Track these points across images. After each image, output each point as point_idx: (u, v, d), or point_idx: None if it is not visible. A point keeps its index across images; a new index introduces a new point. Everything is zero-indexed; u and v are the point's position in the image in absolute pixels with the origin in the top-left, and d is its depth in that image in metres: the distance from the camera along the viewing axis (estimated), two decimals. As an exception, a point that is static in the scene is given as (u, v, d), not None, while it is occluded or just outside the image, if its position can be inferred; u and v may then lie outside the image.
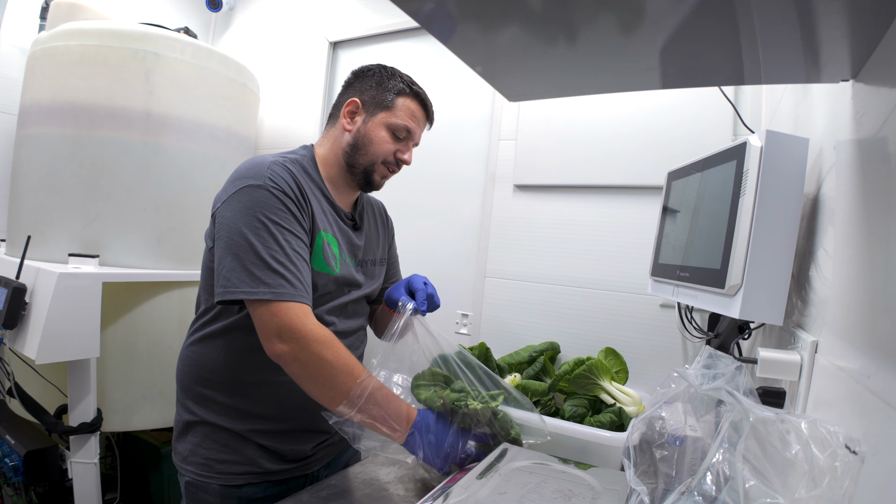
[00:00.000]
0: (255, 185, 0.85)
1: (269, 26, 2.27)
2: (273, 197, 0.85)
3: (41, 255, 1.47)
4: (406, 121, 1.00)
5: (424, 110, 1.03)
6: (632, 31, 0.54)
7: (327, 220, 0.98)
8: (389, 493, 0.91)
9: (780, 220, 0.66)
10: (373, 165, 1.00)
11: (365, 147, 0.99)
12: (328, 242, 0.96)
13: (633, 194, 1.45)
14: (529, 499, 0.81)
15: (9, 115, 1.80)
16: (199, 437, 0.95)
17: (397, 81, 1.01)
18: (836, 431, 0.47)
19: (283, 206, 0.86)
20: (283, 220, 0.85)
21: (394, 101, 0.99)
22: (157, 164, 1.56)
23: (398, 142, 1.01)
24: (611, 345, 1.43)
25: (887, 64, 0.49)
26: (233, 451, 0.94)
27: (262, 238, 0.83)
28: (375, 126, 0.99)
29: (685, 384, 0.68)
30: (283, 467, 0.97)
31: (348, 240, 1.03)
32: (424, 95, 1.03)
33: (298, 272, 0.85)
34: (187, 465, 0.94)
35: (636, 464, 0.67)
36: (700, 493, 0.51)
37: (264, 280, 0.82)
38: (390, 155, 1.01)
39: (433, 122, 1.08)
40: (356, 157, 1.00)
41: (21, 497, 1.57)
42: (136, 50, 1.52)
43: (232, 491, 0.93)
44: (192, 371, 0.98)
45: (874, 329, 0.47)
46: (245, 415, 0.95)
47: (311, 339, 0.82)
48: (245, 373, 0.95)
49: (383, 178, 1.04)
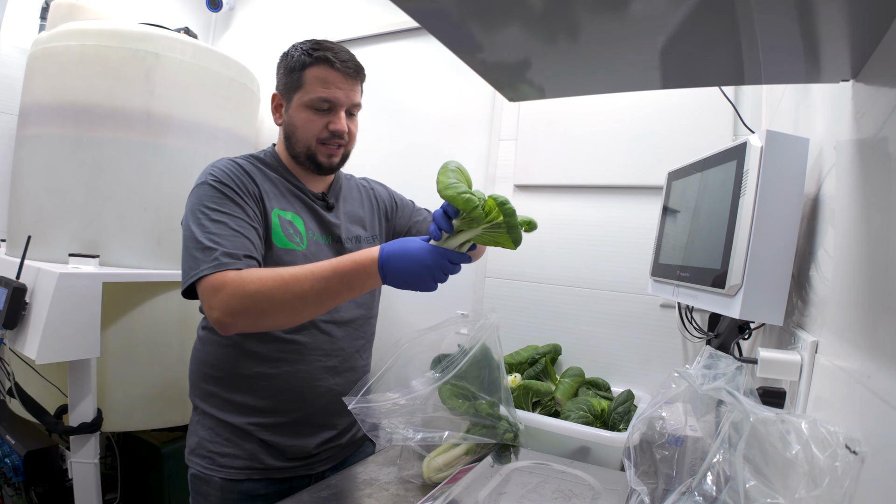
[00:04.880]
0: (199, 184, 0.92)
1: (269, 26, 2.27)
2: (212, 189, 0.90)
3: (41, 255, 1.47)
4: (319, 91, 0.96)
5: (336, 69, 0.97)
6: (632, 31, 0.54)
7: (287, 201, 1.00)
8: (389, 493, 0.91)
9: (780, 220, 0.66)
10: (309, 149, 1.00)
11: (294, 134, 1.00)
12: (290, 220, 0.98)
13: (633, 194, 1.45)
14: (529, 499, 0.82)
15: (9, 115, 1.80)
16: (204, 431, 0.98)
17: (298, 55, 0.98)
18: (837, 431, 0.47)
19: (220, 193, 0.90)
20: (220, 205, 0.89)
21: (301, 77, 0.97)
22: (157, 164, 1.56)
23: (325, 115, 0.98)
24: (611, 344, 1.43)
25: (887, 64, 0.49)
26: (235, 445, 0.96)
27: (202, 225, 0.87)
28: (295, 110, 0.99)
29: (685, 384, 0.68)
30: (286, 465, 0.98)
31: (318, 218, 1.04)
32: (332, 54, 0.97)
33: (235, 246, 0.85)
34: (193, 458, 0.98)
35: (636, 464, 0.68)
36: (700, 494, 0.51)
37: (202, 259, 0.84)
38: (322, 132, 0.98)
39: (361, 75, 1.01)
40: (293, 147, 1.01)
41: (21, 497, 1.57)
42: (136, 50, 1.52)
43: (233, 485, 0.95)
44: (196, 368, 1.02)
45: (874, 329, 0.47)
46: (245, 409, 0.97)
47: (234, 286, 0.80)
48: (240, 367, 0.97)
49: (330, 156, 1.01)
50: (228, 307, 0.80)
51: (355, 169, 2.01)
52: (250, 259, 0.86)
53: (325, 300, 0.81)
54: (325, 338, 1.01)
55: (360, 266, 0.79)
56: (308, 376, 0.99)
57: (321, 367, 1.00)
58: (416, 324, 1.15)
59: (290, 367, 0.97)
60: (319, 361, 1.00)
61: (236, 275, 0.81)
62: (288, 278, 0.79)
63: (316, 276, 0.79)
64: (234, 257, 0.84)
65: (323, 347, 1.00)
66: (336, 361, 1.03)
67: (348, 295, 0.82)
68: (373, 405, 0.91)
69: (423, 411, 0.97)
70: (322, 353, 1.00)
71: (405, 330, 1.02)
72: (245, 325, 0.82)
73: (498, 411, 1.04)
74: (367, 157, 1.89)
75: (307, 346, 0.99)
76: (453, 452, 0.98)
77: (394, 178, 1.49)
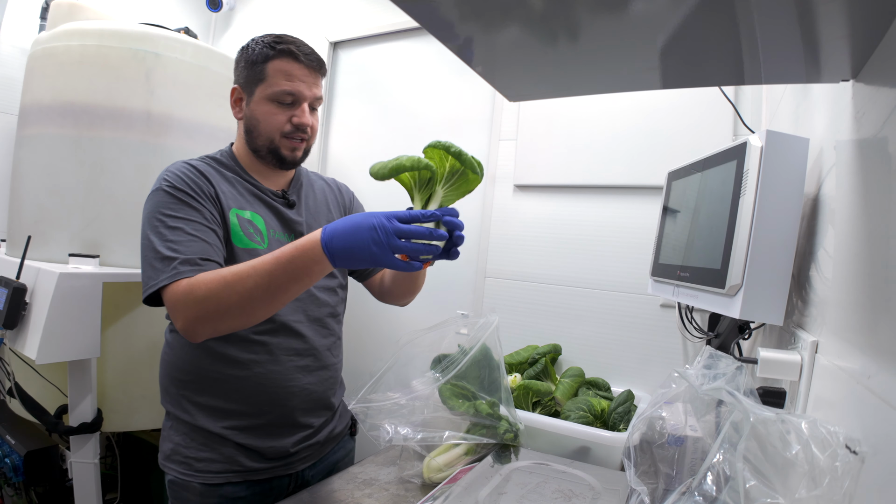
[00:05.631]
0: (154, 190, 0.91)
1: (270, 26, 2.26)
2: (167, 195, 0.89)
3: (41, 255, 1.47)
4: (282, 84, 0.94)
5: (300, 62, 0.95)
6: (632, 31, 0.54)
7: (245, 200, 0.98)
8: (389, 493, 0.91)
9: (780, 220, 0.66)
10: (272, 143, 0.98)
11: (256, 128, 0.98)
12: (249, 219, 0.96)
13: (633, 194, 1.45)
14: (529, 499, 0.82)
15: (9, 115, 1.80)
16: (179, 437, 0.96)
17: (260, 48, 0.96)
18: (837, 431, 0.47)
19: (175, 199, 0.88)
20: (176, 211, 0.87)
21: (264, 70, 0.95)
22: (157, 164, 1.55)
23: (288, 108, 0.96)
24: (611, 344, 1.43)
25: (887, 64, 0.49)
26: (211, 449, 0.94)
27: (160, 233, 0.86)
28: (257, 104, 0.97)
29: (685, 384, 0.68)
30: (264, 466, 0.97)
31: (279, 216, 1.02)
32: (295, 47, 0.95)
33: (192, 251, 0.84)
34: (169, 464, 0.97)
35: (637, 464, 0.68)
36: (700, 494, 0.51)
37: (161, 269, 0.83)
38: (284, 125, 0.97)
39: (323, 69, 1.00)
40: (254, 141, 0.99)
41: (21, 497, 1.57)
42: (136, 50, 1.52)
43: (212, 489, 0.93)
44: (166, 372, 1.01)
45: (874, 329, 0.47)
46: (218, 412, 0.95)
47: (186, 293, 0.79)
48: (210, 369, 0.95)
49: (293, 150, 0.99)
50: (186, 316, 0.79)
51: (355, 170, 2.01)
52: (209, 262, 0.85)
53: (274, 294, 0.77)
54: (296, 337, 0.99)
55: (303, 251, 0.75)
56: (280, 377, 0.97)
57: (294, 367, 0.98)
58: (416, 324, 1.15)
59: (261, 369, 0.95)
60: (291, 361, 0.98)
61: (188, 282, 0.80)
62: (230, 278, 0.77)
63: (258, 271, 0.76)
64: (192, 263, 0.83)
65: (294, 347, 0.98)
66: (308, 360, 1.00)
67: (297, 286, 0.78)
68: (373, 405, 0.91)
69: (424, 411, 0.98)
70: (293, 352, 0.98)
71: (405, 330, 1.02)
72: (207, 331, 0.81)
73: (498, 411, 1.04)
74: (366, 157, 1.89)
75: (278, 346, 0.96)
76: (453, 452, 0.98)
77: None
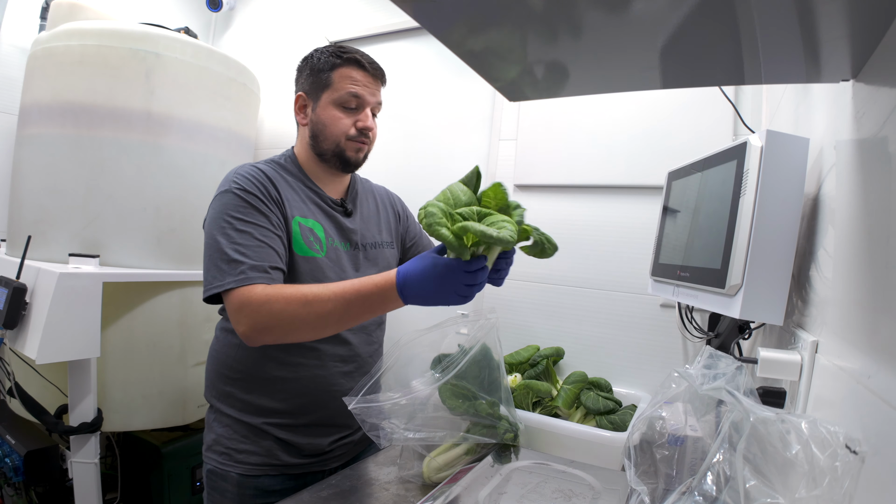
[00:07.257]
0: (223, 192, 0.92)
1: (270, 26, 2.27)
2: (237, 197, 0.91)
3: (41, 255, 1.47)
4: (348, 88, 1.00)
5: (364, 70, 1.02)
6: (632, 31, 0.54)
7: (307, 208, 1.01)
8: (389, 493, 0.91)
9: (780, 220, 0.66)
10: (338, 146, 1.02)
11: (322, 132, 1.02)
12: (310, 227, 0.99)
13: (633, 194, 1.45)
14: (529, 499, 0.82)
15: (9, 115, 1.80)
16: (222, 428, 1.00)
17: (327, 57, 1.01)
18: (837, 431, 0.47)
19: (245, 203, 0.91)
20: (246, 215, 0.90)
21: (330, 77, 1.00)
22: (157, 164, 1.56)
23: (352, 113, 1.02)
24: (611, 344, 1.43)
25: (887, 64, 0.49)
26: (252, 442, 0.98)
27: (228, 235, 0.88)
28: (323, 109, 1.01)
29: (685, 384, 0.68)
30: (301, 461, 1.01)
31: (337, 225, 1.05)
32: (360, 56, 1.02)
33: (260, 258, 0.87)
34: (210, 454, 1.00)
35: (637, 464, 0.68)
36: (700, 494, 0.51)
37: (227, 271, 0.85)
38: (350, 129, 1.01)
39: (384, 78, 1.07)
40: (320, 145, 1.02)
41: (21, 497, 1.57)
42: (136, 50, 1.52)
43: (249, 480, 0.97)
44: (214, 368, 1.04)
45: (874, 329, 0.47)
46: (262, 410, 0.99)
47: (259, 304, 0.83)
48: (260, 370, 0.99)
49: (358, 151, 1.04)
50: (255, 324, 0.83)
51: (355, 169, 2.01)
52: (276, 270, 0.89)
53: (346, 320, 0.84)
54: (343, 345, 1.04)
55: (380, 290, 0.80)
56: (325, 381, 1.01)
57: (338, 373, 1.03)
58: (416, 324, 1.14)
59: (308, 372, 1.00)
60: (336, 367, 1.03)
61: (262, 292, 0.83)
62: (311, 298, 0.81)
63: (338, 297, 0.81)
64: (260, 270, 0.86)
65: (340, 354, 1.03)
66: (352, 367, 1.05)
67: (369, 316, 0.84)
68: (373, 405, 0.91)
69: (424, 411, 0.98)
70: (339, 359, 1.03)
71: (405, 330, 1.02)
72: (270, 339, 0.85)
73: (498, 411, 1.04)
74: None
75: (326, 352, 1.01)
76: (453, 452, 0.98)
77: (393, 179, 1.49)
